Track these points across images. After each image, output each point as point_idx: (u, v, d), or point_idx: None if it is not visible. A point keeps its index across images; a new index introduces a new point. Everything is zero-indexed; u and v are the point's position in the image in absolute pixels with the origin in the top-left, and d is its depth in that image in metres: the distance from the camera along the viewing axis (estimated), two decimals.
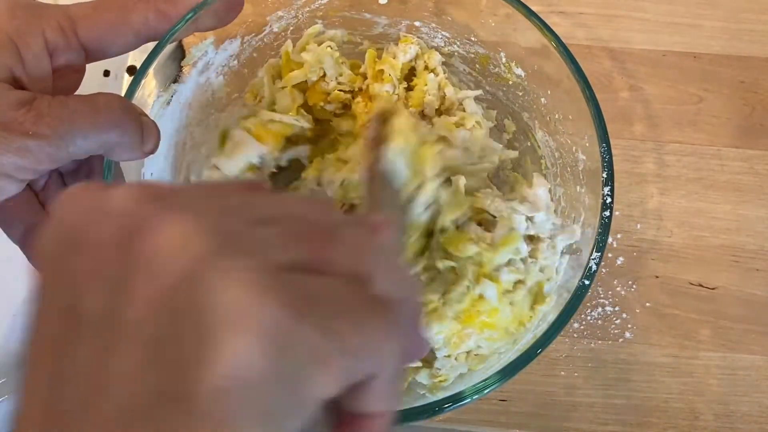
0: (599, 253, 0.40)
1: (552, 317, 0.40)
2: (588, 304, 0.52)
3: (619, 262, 0.53)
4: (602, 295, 0.52)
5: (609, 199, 0.41)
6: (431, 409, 0.38)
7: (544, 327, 0.40)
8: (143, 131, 0.37)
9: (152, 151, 0.38)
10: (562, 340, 0.51)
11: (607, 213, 0.41)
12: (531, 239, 0.46)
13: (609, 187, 0.41)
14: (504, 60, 0.50)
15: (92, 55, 0.38)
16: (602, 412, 0.49)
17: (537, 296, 0.46)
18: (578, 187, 0.46)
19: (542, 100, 0.49)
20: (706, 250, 0.53)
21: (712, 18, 0.60)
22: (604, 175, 0.42)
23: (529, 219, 0.46)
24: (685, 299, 0.52)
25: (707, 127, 0.57)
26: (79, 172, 0.41)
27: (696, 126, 0.57)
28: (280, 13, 0.48)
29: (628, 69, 0.58)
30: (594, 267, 0.40)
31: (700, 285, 0.52)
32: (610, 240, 0.53)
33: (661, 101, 0.57)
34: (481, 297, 0.43)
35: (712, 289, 0.52)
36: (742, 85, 0.58)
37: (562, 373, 0.50)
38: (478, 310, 0.43)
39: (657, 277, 0.52)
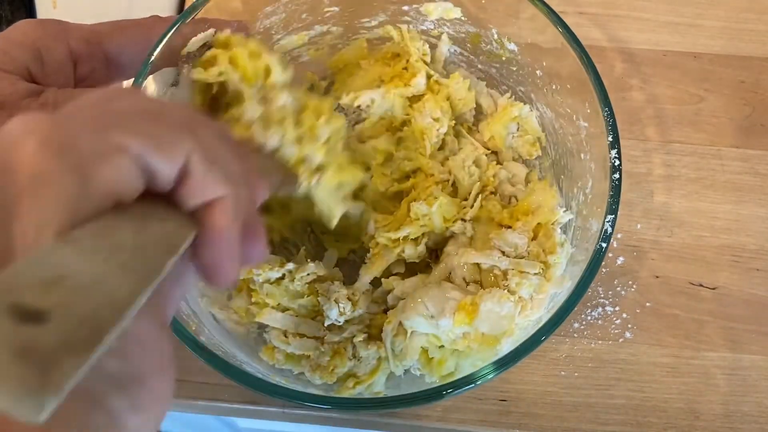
0: (613, 216, 0.41)
1: (571, 285, 0.41)
2: (588, 304, 0.52)
3: (619, 262, 0.53)
4: (602, 295, 0.52)
5: (617, 162, 0.42)
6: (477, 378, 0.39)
7: (565, 295, 0.41)
8: None
9: None
10: (562, 340, 0.51)
11: (617, 176, 0.41)
12: None
13: (616, 150, 0.42)
14: (496, 36, 0.50)
15: (114, 64, 0.41)
16: (602, 412, 0.49)
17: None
18: (582, 155, 0.46)
19: (538, 72, 0.49)
20: (706, 250, 0.53)
21: (712, 18, 0.60)
22: (610, 139, 0.42)
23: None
24: (685, 299, 0.52)
25: (707, 127, 0.57)
26: None
27: (696, 126, 0.57)
28: (268, 9, 0.48)
29: (628, 69, 0.58)
30: (609, 229, 0.40)
31: (700, 285, 0.52)
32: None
33: (662, 101, 0.57)
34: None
35: (712, 289, 0.52)
36: (742, 85, 0.58)
37: (562, 373, 0.50)
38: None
39: (657, 277, 0.52)
